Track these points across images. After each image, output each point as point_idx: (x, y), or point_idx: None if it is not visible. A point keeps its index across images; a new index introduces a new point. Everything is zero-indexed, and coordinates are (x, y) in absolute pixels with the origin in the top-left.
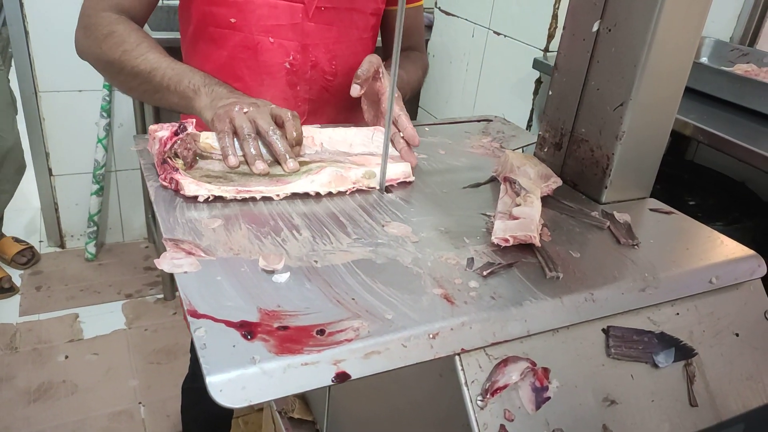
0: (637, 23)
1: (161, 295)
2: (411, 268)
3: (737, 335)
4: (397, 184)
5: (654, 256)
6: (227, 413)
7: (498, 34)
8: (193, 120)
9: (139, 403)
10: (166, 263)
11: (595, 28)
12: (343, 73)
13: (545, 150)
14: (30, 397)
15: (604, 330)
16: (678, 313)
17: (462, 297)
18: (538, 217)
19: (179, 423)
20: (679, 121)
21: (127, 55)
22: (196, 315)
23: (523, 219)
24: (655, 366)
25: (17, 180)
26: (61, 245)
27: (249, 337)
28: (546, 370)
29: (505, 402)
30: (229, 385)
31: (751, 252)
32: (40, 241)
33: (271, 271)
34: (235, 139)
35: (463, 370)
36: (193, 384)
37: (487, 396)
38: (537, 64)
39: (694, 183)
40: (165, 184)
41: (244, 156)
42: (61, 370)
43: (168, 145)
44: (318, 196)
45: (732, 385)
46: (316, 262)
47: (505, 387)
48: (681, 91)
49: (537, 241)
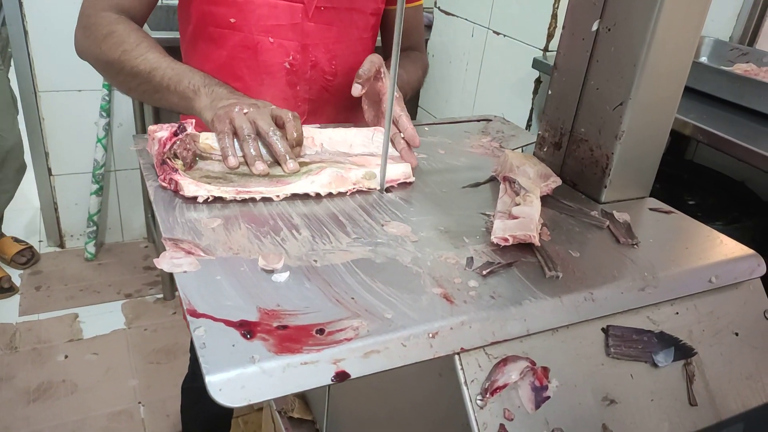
0: (637, 23)
1: (161, 295)
2: (410, 268)
3: (737, 334)
4: (397, 185)
5: (653, 256)
6: (227, 413)
7: (497, 33)
8: (193, 120)
9: (139, 402)
10: (166, 263)
11: (594, 27)
12: (343, 73)
13: (545, 149)
14: (30, 396)
15: (603, 329)
16: (677, 313)
17: (461, 296)
18: (537, 217)
19: (179, 423)
20: (678, 120)
21: (126, 55)
22: (195, 314)
23: (523, 218)
24: (654, 365)
25: (18, 180)
26: (61, 245)
27: (248, 336)
28: (545, 370)
29: (504, 401)
30: (228, 385)
31: (751, 251)
32: (40, 240)
33: (271, 271)
34: (235, 140)
35: (462, 369)
36: (193, 383)
37: (487, 395)
38: (536, 64)
39: (694, 182)
40: (164, 185)
41: (243, 157)
42: (60, 369)
43: (167, 146)
44: (318, 196)
45: (731, 384)
46: (316, 261)
47: (504, 386)
48: (680, 90)
49: (536, 241)
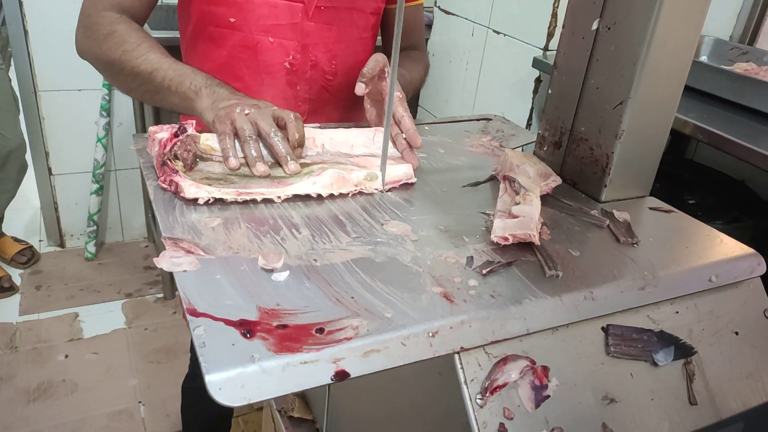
0: (637, 21)
1: (161, 295)
2: (410, 267)
3: (737, 333)
4: (398, 185)
5: (653, 255)
6: (227, 412)
7: (498, 32)
8: (193, 121)
9: (139, 402)
10: (166, 262)
11: (594, 26)
12: (343, 73)
13: (545, 149)
14: (30, 396)
15: (603, 328)
16: (677, 312)
17: (461, 295)
18: (537, 216)
19: (179, 422)
20: (678, 119)
21: (127, 55)
22: (195, 313)
23: (523, 218)
24: (654, 364)
25: (19, 180)
26: (61, 244)
27: (248, 335)
28: (545, 369)
29: (504, 400)
30: (228, 384)
31: (751, 250)
32: (40, 240)
33: (271, 270)
34: (236, 141)
35: (462, 368)
36: (193, 383)
37: (487, 394)
38: (536, 63)
39: (694, 182)
40: (165, 186)
41: (244, 158)
42: (60, 369)
43: (168, 147)
44: (319, 197)
45: (731, 383)
46: (316, 260)
47: (504, 385)
48: (680, 89)
49: (536, 240)
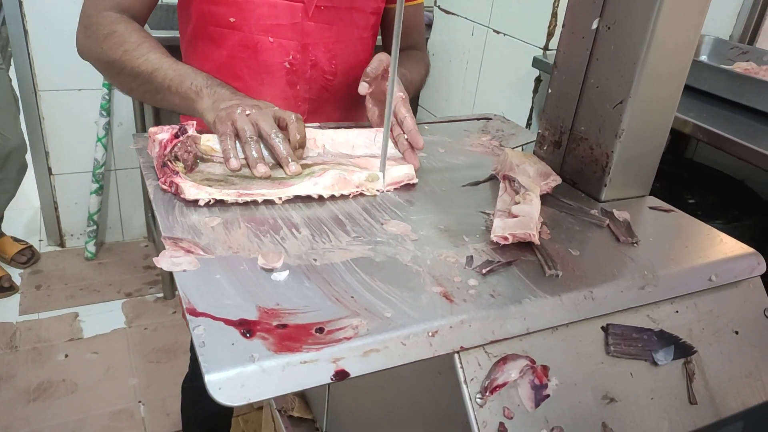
0: (637, 21)
1: (161, 294)
2: (410, 267)
3: (737, 333)
4: (399, 186)
5: (653, 254)
6: (227, 412)
7: (498, 32)
8: (194, 122)
9: (139, 401)
10: (165, 262)
11: (594, 25)
12: (343, 73)
13: (545, 148)
14: (30, 396)
15: (603, 328)
16: (677, 311)
17: (461, 295)
18: (537, 215)
19: (179, 422)
20: (678, 119)
21: (128, 55)
22: (195, 313)
23: (523, 217)
24: (654, 364)
25: (19, 180)
26: (61, 244)
27: (248, 335)
28: (545, 368)
29: (504, 400)
30: (228, 384)
31: (751, 250)
32: (40, 240)
33: (270, 270)
34: (236, 142)
35: (462, 368)
36: (193, 383)
37: (487, 394)
38: (536, 63)
39: (694, 181)
40: (165, 187)
41: (245, 159)
42: (60, 369)
43: (168, 148)
44: (321, 198)
45: (731, 382)
46: (315, 260)
47: (504, 385)
48: (680, 89)
49: (536, 239)
